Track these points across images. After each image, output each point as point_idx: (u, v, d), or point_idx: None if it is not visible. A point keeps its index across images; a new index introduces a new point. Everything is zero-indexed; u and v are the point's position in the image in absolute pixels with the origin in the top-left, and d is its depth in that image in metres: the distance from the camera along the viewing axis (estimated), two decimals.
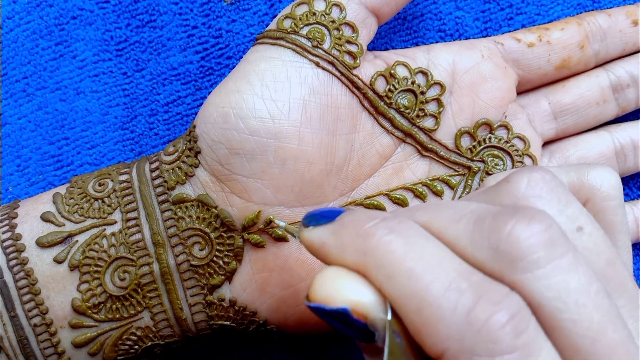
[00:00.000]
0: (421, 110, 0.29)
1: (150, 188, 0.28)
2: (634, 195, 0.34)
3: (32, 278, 0.27)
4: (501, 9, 0.34)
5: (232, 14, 0.35)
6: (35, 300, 0.27)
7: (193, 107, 0.34)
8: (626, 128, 0.31)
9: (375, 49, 0.34)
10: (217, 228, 0.28)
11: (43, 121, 0.34)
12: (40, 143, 0.34)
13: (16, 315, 0.27)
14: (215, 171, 0.28)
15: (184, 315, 0.28)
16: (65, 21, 0.35)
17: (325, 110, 0.28)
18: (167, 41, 0.34)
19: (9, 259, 0.27)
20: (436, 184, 0.29)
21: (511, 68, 0.31)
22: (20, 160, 0.34)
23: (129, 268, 0.28)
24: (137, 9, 0.34)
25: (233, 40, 0.34)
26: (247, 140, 0.27)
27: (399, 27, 0.34)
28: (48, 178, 0.34)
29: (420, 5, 0.34)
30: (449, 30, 0.34)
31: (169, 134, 0.34)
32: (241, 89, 0.27)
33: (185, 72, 0.34)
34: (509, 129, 0.30)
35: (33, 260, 0.27)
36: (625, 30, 0.31)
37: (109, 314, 0.28)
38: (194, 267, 0.28)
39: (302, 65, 0.28)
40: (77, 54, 0.35)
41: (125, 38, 0.35)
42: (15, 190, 0.34)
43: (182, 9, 0.34)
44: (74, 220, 0.28)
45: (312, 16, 0.28)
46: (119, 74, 0.35)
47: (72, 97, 0.34)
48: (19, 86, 0.34)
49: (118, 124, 0.34)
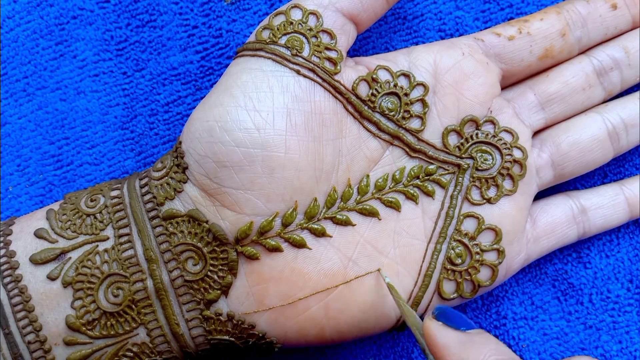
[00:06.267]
0: (406, 112, 0.29)
1: (141, 204, 0.28)
2: (629, 175, 0.34)
3: (26, 295, 0.27)
4: (501, 8, 0.34)
5: (232, 14, 0.35)
6: (29, 318, 0.27)
7: (193, 107, 0.34)
8: (615, 107, 0.32)
9: (375, 48, 0.34)
10: (210, 242, 0.28)
11: (43, 121, 0.34)
12: (41, 143, 0.34)
13: (10, 333, 0.27)
14: (204, 186, 0.28)
15: (181, 330, 0.28)
16: (66, 21, 0.35)
17: (309, 117, 0.28)
18: (167, 41, 0.34)
19: (3, 276, 0.27)
20: (427, 185, 0.29)
21: (493, 63, 0.31)
22: (20, 159, 0.34)
23: (122, 284, 0.27)
24: (137, 9, 0.35)
25: (233, 40, 0.34)
26: (234, 152, 0.27)
27: (399, 26, 0.34)
28: (48, 178, 0.34)
29: (420, 5, 0.34)
30: (449, 30, 0.34)
31: (169, 133, 0.34)
32: (224, 102, 0.27)
33: (186, 72, 0.34)
34: (495, 123, 0.30)
35: (27, 277, 0.27)
36: (605, 14, 0.31)
37: (103, 330, 0.27)
38: (188, 283, 0.28)
39: (283, 74, 0.28)
40: (77, 53, 0.35)
41: (126, 38, 0.35)
42: (16, 190, 0.34)
43: (182, 9, 0.34)
44: (67, 237, 0.28)
45: (289, 25, 0.28)
46: (119, 73, 0.35)
47: (72, 96, 0.34)
48: (19, 86, 0.34)
49: (118, 124, 0.34)
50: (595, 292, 0.34)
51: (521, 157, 0.30)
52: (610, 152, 0.32)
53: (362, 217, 0.29)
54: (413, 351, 0.34)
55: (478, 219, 0.29)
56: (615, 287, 0.34)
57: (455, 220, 0.29)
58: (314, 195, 0.28)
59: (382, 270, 0.28)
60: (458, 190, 0.29)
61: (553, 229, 0.31)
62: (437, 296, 0.29)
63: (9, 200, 0.34)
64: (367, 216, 0.29)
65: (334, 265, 0.28)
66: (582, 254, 0.34)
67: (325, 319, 0.28)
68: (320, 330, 0.28)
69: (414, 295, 0.28)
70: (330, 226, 0.28)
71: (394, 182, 0.29)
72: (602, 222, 0.32)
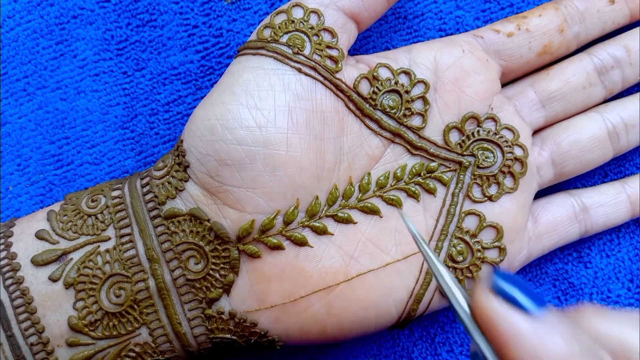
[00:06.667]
0: (407, 110, 0.29)
1: (142, 203, 0.28)
2: (629, 174, 0.34)
3: (28, 297, 0.27)
4: (501, 8, 0.34)
5: (233, 13, 0.35)
6: (31, 319, 0.27)
7: (193, 107, 0.34)
8: (615, 107, 0.32)
9: (376, 48, 0.35)
10: (212, 241, 0.28)
11: (43, 120, 0.34)
12: (41, 142, 0.34)
13: (13, 335, 0.27)
14: (205, 184, 0.28)
15: (183, 329, 0.28)
16: (66, 20, 0.35)
17: (311, 115, 0.28)
18: (168, 40, 0.35)
19: (4, 278, 0.27)
20: (428, 182, 0.29)
21: (493, 60, 0.31)
22: (20, 159, 0.34)
23: (124, 285, 0.27)
24: (137, 8, 0.35)
25: (233, 39, 0.34)
26: (236, 150, 0.27)
27: (400, 26, 0.34)
28: (48, 177, 0.34)
29: (420, 4, 0.34)
30: (450, 30, 0.34)
31: (170, 133, 0.34)
32: (226, 100, 0.27)
33: (186, 72, 0.34)
34: (496, 120, 0.30)
35: (28, 279, 0.27)
36: (603, 9, 0.31)
37: (105, 331, 0.27)
38: (190, 282, 0.28)
39: (284, 72, 0.28)
40: (77, 53, 0.35)
41: (126, 37, 0.35)
42: (16, 189, 0.34)
43: (183, 8, 0.34)
44: (68, 238, 0.28)
45: (290, 24, 0.28)
46: (119, 73, 0.35)
47: (73, 96, 0.34)
48: (20, 85, 0.34)
49: (118, 124, 0.34)
50: (595, 292, 0.34)
51: (522, 155, 0.30)
52: (610, 152, 0.32)
53: (364, 214, 0.29)
54: (413, 351, 0.34)
55: (479, 216, 0.29)
56: (615, 287, 0.34)
57: (456, 217, 0.29)
58: (316, 193, 0.28)
59: (403, 213, 0.23)
60: (459, 188, 0.29)
61: (555, 227, 0.31)
62: (438, 294, 0.29)
63: (9, 200, 0.34)
64: (368, 214, 0.29)
65: (335, 263, 0.28)
66: (582, 254, 0.34)
67: (326, 317, 0.28)
68: (322, 328, 0.28)
69: (415, 292, 0.28)
70: (331, 224, 0.28)
71: (396, 179, 0.29)
72: (604, 221, 0.32)
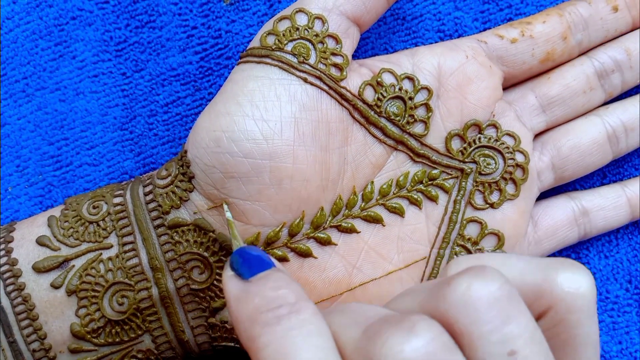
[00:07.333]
0: (411, 117, 0.29)
1: (145, 212, 0.28)
2: (627, 175, 0.34)
3: (30, 304, 0.27)
4: (500, 9, 0.34)
5: (232, 15, 0.35)
6: (33, 326, 0.27)
7: (192, 108, 0.34)
8: (615, 110, 0.31)
9: (374, 49, 0.34)
10: (216, 252, 0.28)
11: (42, 121, 0.34)
12: (40, 143, 0.34)
13: (15, 341, 0.27)
14: (210, 195, 0.27)
15: (187, 337, 0.28)
16: (65, 22, 0.35)
17: (316, 125, 0.27)
18: (167, 42, 0.34)
19: (6, 284, 0.27)
20: (430, 189, 0.29)
21: (496, 66, 0.30)
22: (19, 160, 0.34)
23: (127, 293, 0.27)
24: (136, 10, 0.34)
25: (232, 40, 0.34)
26: (242, 163, 0.26)
27: (398, 27, 0.34)
28: (47, 178, 0.34)
29: (419, 5, 0.34)
30: (448, 31, 0.34)
31: (168, 134, 0.34)
32: (231, 111, 0.27)
33: (185, 73, 0.34)
34: (497, 127, 0.30)
35: (30, 285, 0.27)
36: (606, 17, 0.31)
37: (108, 338, 0.27)
38: (194, 291, 0.28)
39: (290, 83, 0.27)
40: (76, 54, 0.35)
41: (125, 38, 0.35)
42: (15, 190, 0.34)
43: (182, 10, 0.34)
44: (70, 244, 0.28)
45: (295, 31, 0.28)
46: (118, 74, 0.35)
47: (72, 97, 0.34)
48: (19, 86, 0.34)
49: (117, 125, 0.34)
50: None
51: (523, 161, 0.30)
52: (609, 155, 0.32)
53: (367, 223, 0.29)
54: None
55: (481, 223, 0.29)
56: (614, 288, 0.34)
57: (458, 225, 0.29)
58: (320, 205, 0.28)
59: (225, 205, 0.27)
60: (461, 195, 0.29)
61: (554, 231, 0.31)
62: None
63: (8, 201, 0.34)
64: (371, 222, 0.29)
65: (338, 272, 0.28)
66: (581, 255, 0.34)
67: None
68: None
69: None
70: (335, 234, 0.28)
71: (398, 187, 0.29)
72: (604, 224, 0.32)
